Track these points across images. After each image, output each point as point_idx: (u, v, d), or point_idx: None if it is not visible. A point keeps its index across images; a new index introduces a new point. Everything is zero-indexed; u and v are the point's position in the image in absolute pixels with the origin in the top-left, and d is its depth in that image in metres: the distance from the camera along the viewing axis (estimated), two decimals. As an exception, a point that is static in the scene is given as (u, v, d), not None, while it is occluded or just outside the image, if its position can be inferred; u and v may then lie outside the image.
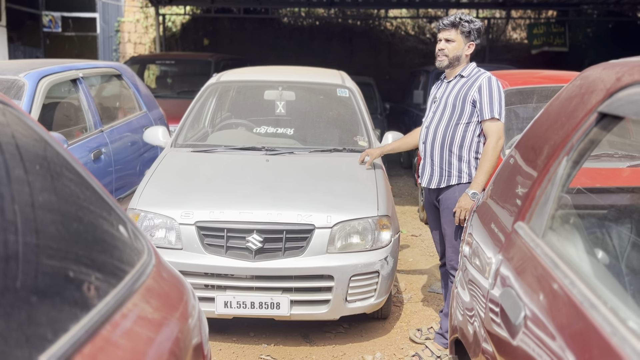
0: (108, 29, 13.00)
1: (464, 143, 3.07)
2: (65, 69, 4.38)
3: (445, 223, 3.11)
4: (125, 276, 1.27)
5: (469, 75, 3.09)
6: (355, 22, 14.80)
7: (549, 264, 1.43)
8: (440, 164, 3.11)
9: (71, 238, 1.16)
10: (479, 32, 3.08)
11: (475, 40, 3.08)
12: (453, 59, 3.07)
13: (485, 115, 2.99)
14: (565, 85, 1.84)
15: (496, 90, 3.00)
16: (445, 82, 3.19)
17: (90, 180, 1.43)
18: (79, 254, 1.16)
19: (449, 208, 3.09)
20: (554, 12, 13.56)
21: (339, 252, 3.17)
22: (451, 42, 3.05)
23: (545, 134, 1.74)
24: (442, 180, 3.12)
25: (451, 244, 3.10)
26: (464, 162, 3.08)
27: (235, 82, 4.66)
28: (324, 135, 4.27)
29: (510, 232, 1.73)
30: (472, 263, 2.07)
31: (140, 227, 3.21)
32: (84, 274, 1.14)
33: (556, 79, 4.56)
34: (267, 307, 3.09)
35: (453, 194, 3.08)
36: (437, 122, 3.13)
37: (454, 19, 3.04)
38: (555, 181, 1.58)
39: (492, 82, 3.02)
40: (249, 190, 3.37)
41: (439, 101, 3.17)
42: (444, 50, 3.06)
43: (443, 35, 3.07)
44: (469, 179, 3.08)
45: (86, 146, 4.28)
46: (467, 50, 3.08)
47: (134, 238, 1.45)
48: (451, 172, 3.10)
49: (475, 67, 3.14)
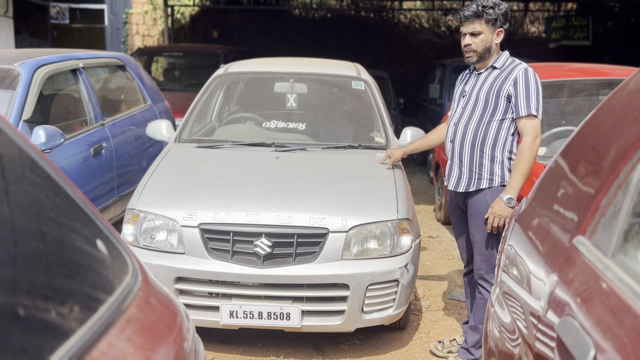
0: (116, 20, 12.78)
1: (497, 142, 2.80)
2: (64, 59, 4.14)
3: (474, 229, 2.84)
4: (100, 307, 1.01)
5: (503, 66, 2.81)
6: (368, 15, 14.47)
7: (628, 294, 1.15)
8: (470, 165, 2.84)
9: (25, 262, 0.90)
10: (505, 16, 2.79)
11: (504, 26, 2.79)
12: (483, 52, 2.79)
13: (522, 112, 2.70)
14: (631, 76, 1.55)
15: (534, 83, 2.72)
16: (476, 74, 2.90)
17: (64, 183, 1.16)
18: (34, 283, 0.90)
19: (478, 212, 2.81)
20: (574, 5, 13.15)
21: (354, 259, 2.91)
22: (478, 34, 2.75)
23: (610, 131, 1.46)
24: (472, 183, 2.84)
25: (480, 251, 2.83)
26: (496, 163, 2.81)
27: (244, 74, 4.40)
28: (338, 131, 3.99)
29: (568, 248, 1.45)
30: (516, 279, 1.79)
31: (139, 229, 2.97)
32: (39, 311, 0.88)
33: (588, 72, 4.26)
34: (276, 317, 2.84)
35: (484, 198, 2.81)
36: (467, 118, 2.85)
37: (476, 8, 2.73)
38: (628, 189, 1.29)
39: (529, 74, 2.73)
40: (258, 190, 3.10)
41: (469, 95, 2.89)
42: (470, 45, 2.77)
43: (467, 29, 2.77)
44: (501, 182, 2.80)
45: (86, 140, 4.04)
46: (497, 39, 2.79)
47: (115, 255, 1.19)
48: (482, 174, 2.82)
49: (508, 57, 2.86)
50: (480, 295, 2.88)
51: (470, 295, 3.10)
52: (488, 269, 2.82)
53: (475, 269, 2.89)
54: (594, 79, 4.01)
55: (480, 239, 2.81)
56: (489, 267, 2.81)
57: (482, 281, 2.85)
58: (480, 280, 2.86)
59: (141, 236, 2.96)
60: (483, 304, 2.85)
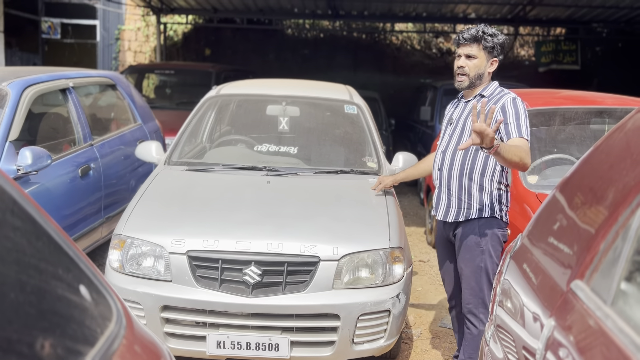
0: (108, 36, 12.76)
1: (485, 171, 2.74)
2: (53, 78, 4.09)
3: (463, 262, 2.78)
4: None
5: (491, 95, 2.77)
6: (361, 36, 14.57)
7: (629, 345, 1.11)
8: (459, 194, 2.78)
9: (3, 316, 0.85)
10: (502, 46, 2.76)
11: (499, 56, 2.76)
12: (474, 78, 2.74)
13: (514, 134, 2.60)
14: (630, 115, 1.54)
15: (523, 111, 2.66)
16: (464, 101, 2.86)
17: (46, 225, 1.12)
18: (12, 340, 0.84)
19: (467, 246, 2.76)
20: (563, 29, 13.34)
21: (345, 288, 2.86)
22: (472, 58, 2.72)
23: (608, 173, 1.44)
24: (461, 213, 2.78)
25: (469, 285, 2.77)
26: (485, 193, 2.74)
27: (236, 96, 4.37)
28: (330, 155, 3.97)
29: (566, 292, 1.42)
30: (511, 314, 1.75)
31: (126, 255, 2.91)
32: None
33: (579, 100, 4.28)
34: (264, 348, 2.77)
35: (473, 230, 2.75)
36: (455, 146, 2.80)
37: (476, 32, 2.71)
38: (627, 235, 1.27)
39: (518, 102, 2.69)
40: (248, 216, 3.05)
41: (456, 123, 2.84)
42: (464, 68, 2.73)
43: (463, 51, 2.74)
44: (491, 213, 2.75)
45: (73, 161, 3.98)
46: (490, 68, 2.76)
47: (99, 301, 1.14)
48: (471, 204, 2.75)
49: (497, 87, 2.81)
50: (468, 330, 2.82)
51: (458, 330, 3.04)
52: (477, 304, 2.76)
53: (464, 303, 2.82)
54: (585, 108, 4.03)
55: (469, 273, 2.75)
56: (478, 301, 2.75)
57: (471, 315, 2.78)
58: (468, 314, 2.79)
59: (127, 262, 2.89)
60: (472, 339, 2.78)
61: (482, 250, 2.73)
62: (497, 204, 2.76)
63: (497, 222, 2.76)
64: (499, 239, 2.77)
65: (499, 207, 2.76)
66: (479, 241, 2.74)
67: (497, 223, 2.77)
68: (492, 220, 2.75)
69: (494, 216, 2.75)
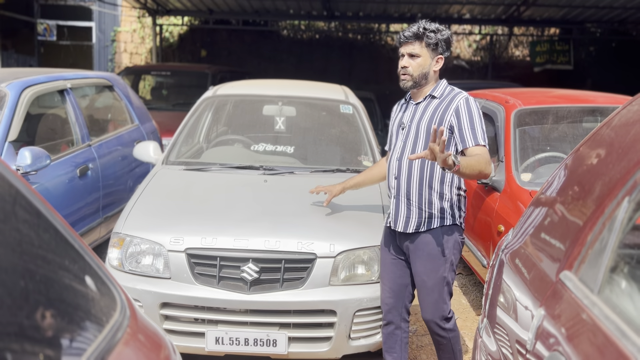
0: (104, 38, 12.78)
1: (445, 177, 2.60)
2: (51, 79, 4.12)
3: (425, 273, 2.62)
4: (88, 347, 0.99)
5: (442, 95, 2.63)
6: (356, 36, 14.64)
7: (614, 331, 1.16)
8: (419, 203, 2.61)
9: (13, 303, 0.89)
10: (447, 42, 2.60)
11: (444, 53, 2.60)
12: (419, 77, 2.59)
13: (469, 143, 2.51)
14: (617, 111, 1.59)
15: (477, 113, 2.55)
16: (413, 104, 2.69)
17: (53, 218, 1.16)
18: (23, 325, 0.88)
19: (430, 255, 2.61)
20: (557, 30, 13.44)
21: (342, 284, 2.90)
22: (416, 57, 2.58)
23: (595, 167, 1.49)
24: (422, 223, 2.61)
25: (431, 298, 2.62)
26: (445, 201, 2.61)
27: (233, 96, 4.41)
28: (326, 154, 4.01)
29: (555, 283, 1.47)
30: (503, 308, 1.80)
31: (125, 253, 2.94)
32: (27, 354, 0.86)
33: (572, 99, 4.34)
34: (262, 344, 2.81)
35: (436, 238, 2.60)
36: (410, 153, 2.62)
37: (417, 30, 2.55)
38: (613, 226, 1.32)
39: (470, 103, 2.56)
40: (245, 214, 3.10)
41: (408, 127, 2.66)
42: (407, 68, 2.58)
43: (405, 50, 2.59)
44: (453, 221, 2.62)
45: (72, 161, 4.01)
46: (435, 66, 2.60)
47: (104, 291, 1.18)
48: (432, 213, 2.60)
49: (447, 85, 2.67)
50: (439, 341, 2.71)
51: (391, 348, 2.80)
52: (440, 317, 2.64)
53: (425, 316, 2.68)
54: (578, 106, 4.08)
55: (432, 285, 2.61)
56: (440, 314, 2.64)
57: (436, 327, 2.66)
58: (434, 327, 2.68)
59: (127, 260, 2.93)
60: (446, 345, 2.71)
61: (446, 260, 2.61)
62: (457, 210, 2.65)
63: (457, 228, 2.65)
64: (459, 246, 2.65)
65: (458, 213, 2.65)
66: (442, 250, 2.61)
67: (458, 229, 2.65)
68: (454, 227, 2.63)
69: (455, 223, 2.63)
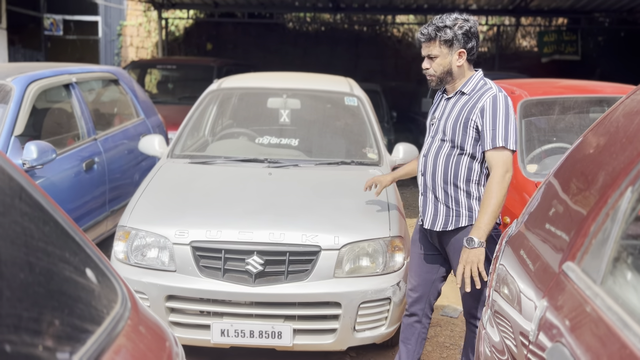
0: (110, 32, 12.80)
1: (470, 177, 2.51)
2: (57, 74, 4.13)
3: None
4: (88, 339, 1.00)
5: (472, 91, 2.50)
6: (362, 28, 14.57)
7: (617, 322, 1.15)
8: (446, 201, 2.55)
9: (13, 295, 0.89)
10: (467, 34, 2.45)
11: (468, 44, 2.47)
12: (442, 75, 2.51)
13: (487, 145, 2.41)
14: (620, 101, 1.57)
15: (502, 111, 2.40)
16: (445, 98, 2.60)
17: (53, 211, 1.16)
18: (22, 317, 0.89)
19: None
20: (565, 19, 13.30)
21: (347, 277, 2.90)
22: (434, 58, 2.49)
23: (599, 157, 1.47)
24: (450, 222, 2.55)
25: (472, 291, 2.56)
26: (473, 199, 2.53)
27: (237, 89, 4.41)
28: (331, 147, 4.00)
29: (558, 274, 1.46)
30: (507, 299, 1.79)
31: (131, 246, 2.96)
32: (26, 346, 0.87)
33: (578, 89, 4.30)
34: (267, 336, 2.82)
35: (467, 235, 2.49)
36: (436, 150, 2.56)
37: (429, 30, 2.46)
38: (616, 216, 1.31)
39: (497, 102, 2.42)
40: (250, 207, 3.10)
41: (437, 123, 2.59)
42: (428, 70, 2.51)
43: (424, 51, 2.52)
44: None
45: (78, 155, 4.03)
46: (458, 61, 2.48)
47: (104, 283, 1.18)
48: (459, 211, 2.53)
49: (480, 80, 2.53)
50: (473, 333, 2.70)
51: (408, 339, 2.79)
52: (479, 307, 2.60)
53: (465, 310, 2.70)
54: (585, 97, 4.05)
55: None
56: (480, 304, 2.60)
57: (474, 319, 2.64)
58: (471, 319, 2.67)
59: (132, 253, 2.95)
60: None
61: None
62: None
63: None
64: (493, 240, 2.53)
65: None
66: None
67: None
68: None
69: None
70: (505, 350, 1.79)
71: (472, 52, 2.51)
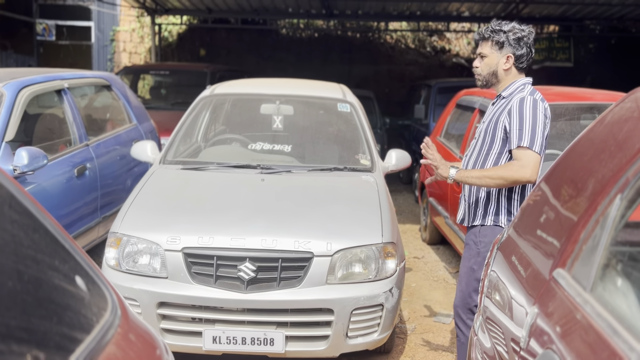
0: (103, 38, 12.77)
1: None
2: (49, 79, 4.12)
3: (462, 260, 2.72)
4: (77, 348, 0.99)
5: (510, 95, 2.59)
6: (355, 35, 14.63)
7: (606, 329, 1.16)
8: (469, 199, 2.70)
9: (1, 303, 0.89)
10: (519, 41, 2.55)
11: (518, 51, 2.56)
12: (488, 76, 2.62)
13: (513, 144, 2.48)
14: (610, 108, 1.59)
15: (529, 113, 2.46)
16: (491, 103, 2.73)
17: (43, 218, 1.15)
18: (9, 326, 0.88)
19: (467, 244, 2.70)
20: (556, 27, 13.42)
21: (339, 283, 2.90)
22: (484, 57, 2.62)
23: (588, 165, 1.49)
24: (474, 218, 2.67)
25: (460, 287, 2.69)
26: (491, 202, 2.62)
27: (230, 95, 4.41)
28: (324, 153, 4.01)
29: (548, 281, 1.47)
30: (498, 306, 1.80)
31: (122, 253, 2.94)
32: (14, 355, 0.86)
33: (569, 96, 4.33)
34: (259, 343, 2.81)
35: (475, 232, 2.65)
36: (471, 150, 2.72)
37: (485, 30, 2.61)
38: (606, 223, 1.32)
39: (524, 103, 2.48)
40: (242, 213, 3.09)
41: (480, 126, 2.73)
42: (476, 68, 2.65)
43: (478, 50, 2.67)
44: (494, 222, 2.61)
45: (69, 161, 4.01)
46: (505, 65, 2.58)
47: (94, 291, 1.17)
48: (477, 211, 2.66)
49: (520, 85, 2.59)
50: (457, 337, 2.75)
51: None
52: (464, 309, 2.68)
53: (455, 303, 2.75)
54: (575, 104, 4.08)
55: (463, 273, 2.68)
56: (465, 303, 2.67)
57: (459, 321, 2.70)
58: (457, 319, 2.72)
59: (124, 260, 2.93)
60: (460, 347, 2.74)
61: (478, 253, 2.62)
62: (504, 214, 2.60)
63: (499, 230, 2.58)
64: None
65: (505, 216, 2.60)
66: (476, 241, 2.65)
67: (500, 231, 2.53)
68: (495, 228, 2.61)
69: (497, 224, 2.61)
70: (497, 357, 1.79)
71: (522, 59, 2.60)
